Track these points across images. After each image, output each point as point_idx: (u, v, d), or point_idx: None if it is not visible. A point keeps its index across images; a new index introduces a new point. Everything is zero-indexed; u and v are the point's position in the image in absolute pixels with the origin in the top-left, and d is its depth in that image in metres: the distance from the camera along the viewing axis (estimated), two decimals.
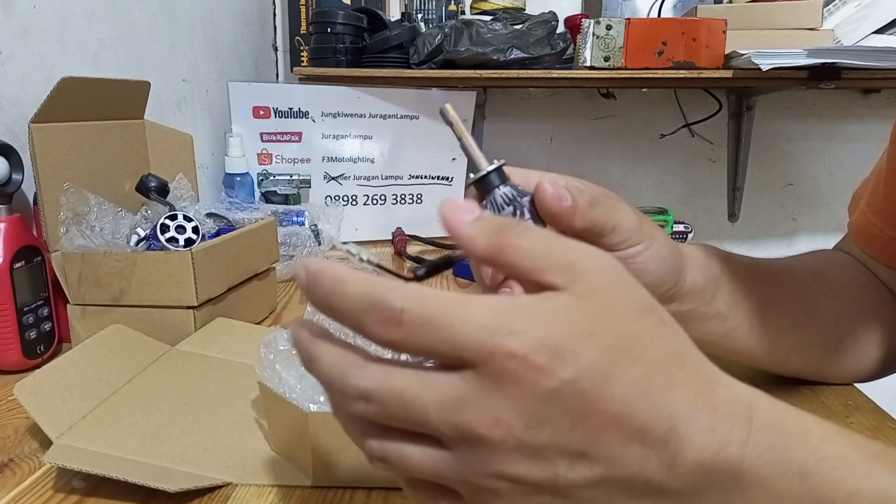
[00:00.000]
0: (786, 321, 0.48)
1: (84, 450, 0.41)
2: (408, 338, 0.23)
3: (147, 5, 0.91)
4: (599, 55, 1.13)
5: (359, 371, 0.24)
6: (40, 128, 0.58)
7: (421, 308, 0.23)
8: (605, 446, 0.23)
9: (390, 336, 0.24)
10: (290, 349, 0.41)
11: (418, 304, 0.23)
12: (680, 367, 0.25)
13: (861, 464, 0.25)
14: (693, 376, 0.25)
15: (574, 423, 0.23)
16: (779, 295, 0.49)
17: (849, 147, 1.55)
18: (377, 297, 0.24)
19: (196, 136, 0.84)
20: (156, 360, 0.55)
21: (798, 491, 0.24)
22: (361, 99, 1.17)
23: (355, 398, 0.24)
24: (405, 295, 0.23)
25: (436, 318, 0.23)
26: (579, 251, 0.25)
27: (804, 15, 1.18)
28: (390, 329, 0.23)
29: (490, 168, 0.32)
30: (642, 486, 0.24)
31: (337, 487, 0.39)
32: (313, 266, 0.25)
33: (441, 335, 0.23)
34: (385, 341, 0.24)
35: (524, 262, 0.25)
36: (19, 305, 0.56)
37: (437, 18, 1.37)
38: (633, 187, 1.58)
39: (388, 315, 0.23)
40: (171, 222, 0.61)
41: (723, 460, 0.24)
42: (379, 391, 0.24)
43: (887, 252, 0.51)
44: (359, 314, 0.24)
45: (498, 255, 0.26)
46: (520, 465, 0.24)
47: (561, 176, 0.38)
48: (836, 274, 0.53)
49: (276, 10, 1.49)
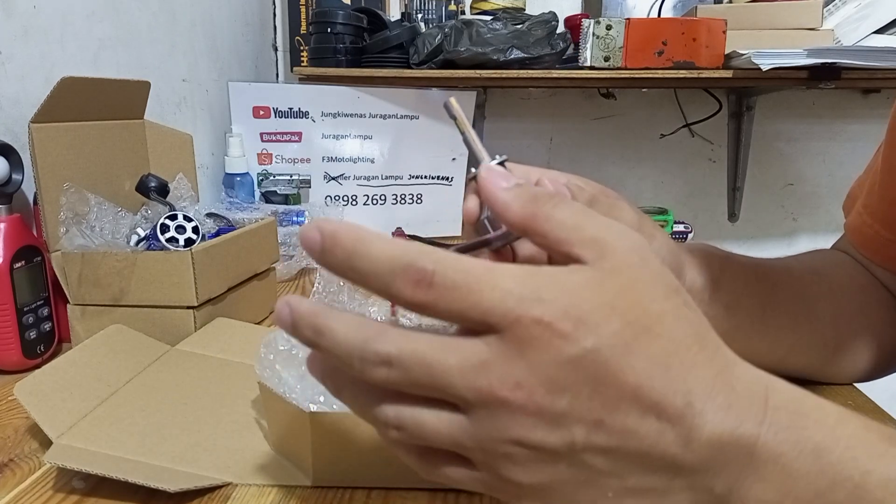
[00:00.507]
0: (785, 321, 0.48)
1: (84, 450, 0.41)
2: (438, 300, 0.24)
3: (147, 5, 0.91)
4: (599, 55, 1.13)
5: (380, 336, 0.24)
6: (40, 128, 0.58)
7: (452, 271, 0.24)
8: (622, 417, 0.24)
9: (420, 298, 0.24)
10: (291, 349, 0.41)
11: (449, 268, 0.24)
12: (700, 347, 0.25)
13: (876, 445, 0.25)
14: (712, 357, 0.25)
15: (593, 392, 0.23)
16: (778, 295, 0.49)
17: (849, 147, 1.55)
18: (408, 259, 0.24)
19: (196, 136, 0.84)
20: (156, 360, 0.55)
21: (813, 469, 0.24)
22: (361, 99, 1.17)
23: (377, 364, 0.24)
24: (437, 258, 0.24)
25: (466, 281, 0.23)
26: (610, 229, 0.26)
27: (804, 15, 1.18)
28: (420, 291, 0.24)
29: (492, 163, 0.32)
30: (658, 460, 0.24)
31: (337, 487, 0.39)
32: (329, 227, 0.25)
33: (470, 298, 0.23)
34: (414, 303, 0.24)
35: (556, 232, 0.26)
36: (19, 305, 0.56)
37: (437, 18, 1.37)
38: (633, 187, 1.58)
39: (419, 276, 0.23)
40: (171, 222, 0.61)
41: (738, 438, 0.24)
42: (402, 355, 0.24)
43: (883, 253, 0.51)
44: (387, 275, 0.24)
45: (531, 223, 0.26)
46: (538, 431, 0.24)
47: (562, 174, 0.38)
48: (834, 274, 0.53)
49: (276, 10, 1.49)
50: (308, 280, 0.89)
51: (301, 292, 0.84)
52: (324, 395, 0.39)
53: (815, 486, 0.24)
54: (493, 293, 0.23)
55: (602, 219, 0.26)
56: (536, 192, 0.26)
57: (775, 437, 0.24)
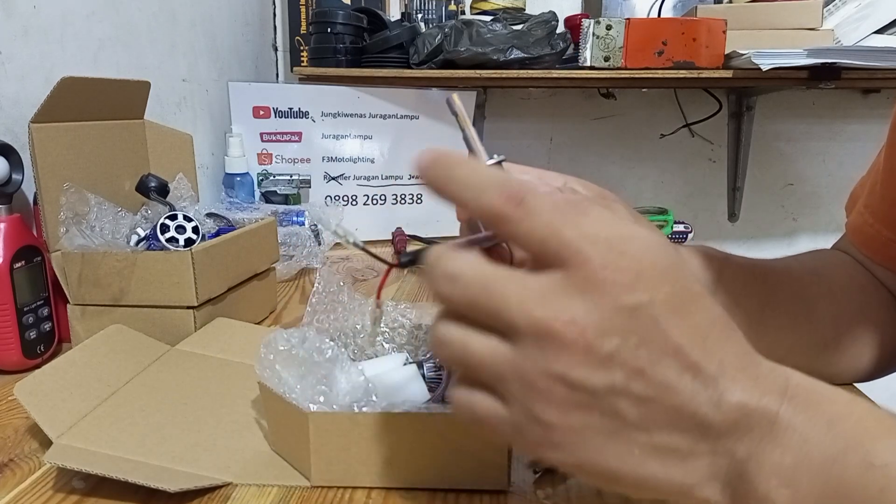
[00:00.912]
0: (785, 321, 0.49)
1: (84, 450, 0.41)
2: (522, 219, 0.26)
3: (147, 5, 0.91)
4: (599, 55, 1.13)
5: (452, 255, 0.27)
6: (40, 128, 0.58)
7: (540, 202, 0.26)
8: (662, 370, 0.25)
9: (508, 211, 0.26)
10: (291, 349, 0.41)
11: (539, 199, 0.26)
12: (731, 329, 0.27)
13: (885, 419, 0.26)
14: (740, 339, 0.27)
15: (641, 342, 0.25)
16: (777, 296, 0.49)
17: (849, 147, 1.55)
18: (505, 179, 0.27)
19: (196, 136, 0.84)
20: (156, 360, 0.55)
21: (827, 437, 0.26)
22: (361, 99, 1.17)
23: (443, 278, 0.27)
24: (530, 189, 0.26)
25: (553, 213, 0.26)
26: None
27: (804, 15, 1.18)
28: (510, 206, 0.26)
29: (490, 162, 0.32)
30: (688, 418, 0.26)
31: (337, 487, 0.39)
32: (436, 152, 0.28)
33: (552, 226, 0.26)
34: (500, 215, 0.26)
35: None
36: (19, 305, 0.56)
37: (437, 18, 1.37)
38: (633, 187, 1.58)
39: (512, 193, 0.26)
40: (171, 222, 0.61)
41: (763, 406, 0.26)
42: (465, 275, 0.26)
43: (884, 253, 0.51)
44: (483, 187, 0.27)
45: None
46: (581, 369, 0.25)
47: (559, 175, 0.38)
48: (834, 274, 0.53)
49: (276, 10, 1.49)
50: (308, 280, 0.89)
51: (301, 292, 0.84)
52: (324, 395, 0.39)
53: (828, 452, 0.25)
54: (573, 231, 0.25)
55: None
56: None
57: (794, 408, 0.26)
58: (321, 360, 0.40)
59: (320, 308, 0.48)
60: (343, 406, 0.38)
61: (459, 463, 0.38)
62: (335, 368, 0.40)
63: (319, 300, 0.49)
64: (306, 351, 0.40)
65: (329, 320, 0.48)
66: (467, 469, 0.38)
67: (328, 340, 0.42)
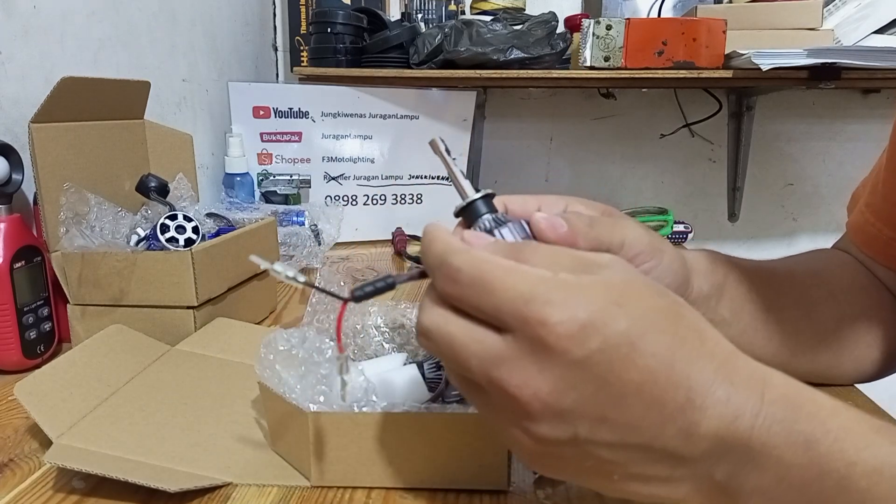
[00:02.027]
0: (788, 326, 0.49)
1: (84, 450, 0.41)
2: (461, 294, 0.27)
3: (147, 5, 0.91)
4: (599, 55, 1.13)
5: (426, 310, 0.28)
6: (40, 128, 0.58)
7: (474, 270, 0.27)
8: (626, 412, 0.25)
9: (449, 290, 0.27)
10: (291, 349, 0.41)
11: (473, 267, 0.27)
12: (701, 341, 0.26)
13: (863, 437, 0.26)
14: (714, 350, 0.26)
15: (598, 390, 0.25)
16: (780, 300, 0.49)
17: (849, 147, 1.55)
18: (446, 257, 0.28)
19: (196, 136, 0.84)
20: (156, 360, 0.55)
21: (803, 460, 0.25)
22: (361, 99, 1.17)
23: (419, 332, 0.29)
24: (467, 258, 0.27)
25: (484, 280, 0.26)
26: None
27: (804, 15, 1.17)
28: (449, 285, 0.27)
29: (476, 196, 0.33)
30: (659, 452, 0.26)
31: (337, 487, 0.39)
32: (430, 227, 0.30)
33: (486, 297, 0.26)
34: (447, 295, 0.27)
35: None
36: (19, 305, 0.56)
37: (437, 18, 1.37)
38: (633, 187, 1.58)
39: (448, 272, 0.27)
40: (171, 222, 0.61)
41: (735, 430, 0.25)
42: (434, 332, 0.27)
43: (885, 252, 0.51)
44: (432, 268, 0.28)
45: None
46: (542, 426, 0.26)
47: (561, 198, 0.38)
48: (835, 275, 0.53)
49: (276, 10, 1.49)
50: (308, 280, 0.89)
51: (301, 292, 0.84)
52: (324, 395, 0.39)
53: (805, 476, 0.25)
54: (506, 294, 0.26)
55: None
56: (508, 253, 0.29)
57: (769, 430, 0.25)
58: (321, 360, 0.40)
59: (320, 308, 0.48)
60: (343, 406, 0.38)
61: (459, 463, 0.38)
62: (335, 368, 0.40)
63: (319, 300, 0.49)
64: (306, 351, 0.40)
65: (329, 320, 0.48)
66: (467, 469, 0.38)
67: (328, 340, 0.42)
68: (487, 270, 0.26)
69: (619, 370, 0.24)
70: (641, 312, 0.25)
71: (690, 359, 0.25)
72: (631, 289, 0.26)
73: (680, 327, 0.26)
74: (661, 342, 0.25)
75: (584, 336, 0.24)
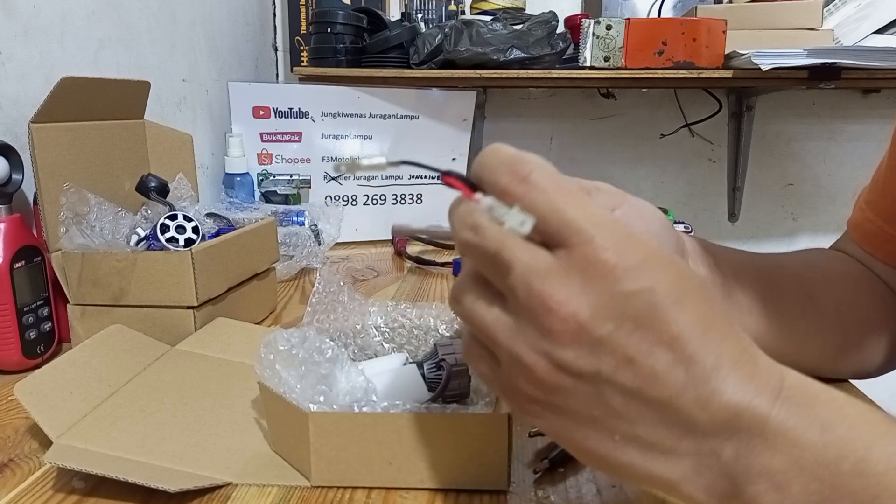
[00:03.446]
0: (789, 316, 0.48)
1: (84, 450, 0.41)
2: (527, 193, 0.26)
3: (147, 5, 0.91)
4: (599, 55, 1.13)
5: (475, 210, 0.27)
6: (40, 128, 0.58)
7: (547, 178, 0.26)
8: (655, 360, 0.25)
9: (512, 189, 0.26)
10: (291, 349, 0.41)
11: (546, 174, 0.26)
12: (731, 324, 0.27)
13: (879, 424, 0.26)
14: (739, 334, 0.27)
15: (636, 328, 0.25)
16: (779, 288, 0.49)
17: (849, 147, 1.54)
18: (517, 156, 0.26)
19: (196, 136, 0.84)
20: (156, 360, 0.55)
21: (819, 442, 0.25)
22: (361, 99, 1.17)
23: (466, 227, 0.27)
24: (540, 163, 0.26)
25: (557, 191, 0.25)
26: None
27: (804, 15, 1.18)
28: (514, 183, 0.26)
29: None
30: (673, 414, 0.25)
31: (337, 487, 0.39)
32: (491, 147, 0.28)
33: (555, 205, 0.25)
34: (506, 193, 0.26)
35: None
36: (19, 305, 0.56)
37: (437, 18, 1.37)
38: (633, 187, 1.57)
39: (519, 170, 0.26)
40: (171, 222, 0.61)
41: (753, 408, 0.25)
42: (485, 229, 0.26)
43: (885, 249, 0.52)
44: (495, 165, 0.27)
45: None
46: (569, 351, 0.25)
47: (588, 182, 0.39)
48: (828, 265, 0.53)
49: (276, 10, 1.49)
50: (308, 280, 0.89)
51: (301, 292, 0.84)
52: (324, 395, 0.39)
53: (821, 458, 0.25)
54: (577, 211, 0.25)
55: None
56: None
57: (787, 411, 0.25)
58: (321, 360, 0.40)
59: (320, 308, 0.48)
60: (343, 406, 0.38)
61: (459, 463, 0.38)
62: (335, 368, 0.40)
63: (319, 300, 0.49)
64: (306, 351, 0.40)
65: (329, 320, 0.48)
66: (467, 469, 0.38)
67: (328, 340, 0.42)
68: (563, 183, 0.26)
69: (662, 316, 0.24)
70: (689, 275, 0.26)
71: (722, 332, 0.26)
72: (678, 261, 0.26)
73: (714, 304, 0.26)
74: (701, 307, 0.25)
75: (639, 272, 0.24)
